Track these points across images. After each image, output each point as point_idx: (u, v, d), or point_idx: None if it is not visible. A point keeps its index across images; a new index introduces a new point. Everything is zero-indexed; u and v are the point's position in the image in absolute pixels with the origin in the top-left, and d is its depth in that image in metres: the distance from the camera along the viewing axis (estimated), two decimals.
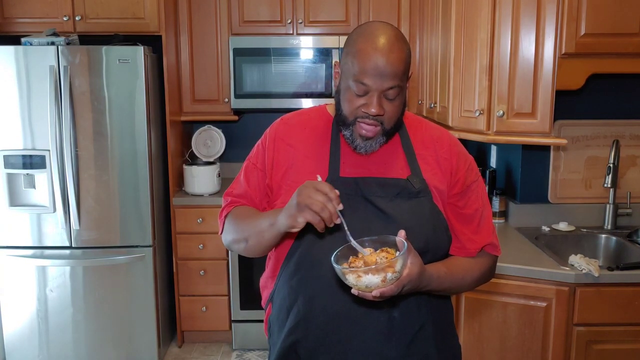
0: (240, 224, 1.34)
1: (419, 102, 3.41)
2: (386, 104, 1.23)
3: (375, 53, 1.19)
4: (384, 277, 1.09)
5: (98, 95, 2.95)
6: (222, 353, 3.40)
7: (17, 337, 3.14)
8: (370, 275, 1.09)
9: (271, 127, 1.41)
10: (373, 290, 1.09)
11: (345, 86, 1.25)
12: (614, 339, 2.07)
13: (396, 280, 1.11)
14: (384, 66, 1.19)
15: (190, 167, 3.40)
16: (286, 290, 1.32)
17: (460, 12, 2.42)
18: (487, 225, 1.37)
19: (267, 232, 1.25)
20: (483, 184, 1.40)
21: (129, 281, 3.10)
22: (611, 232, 2.52)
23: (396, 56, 1.21)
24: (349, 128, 1.27)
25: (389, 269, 1.09)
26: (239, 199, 1.39)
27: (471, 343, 2.20)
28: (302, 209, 1.12)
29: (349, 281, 1.11)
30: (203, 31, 3.42)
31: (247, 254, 1.38)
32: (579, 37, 2.13)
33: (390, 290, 1.10)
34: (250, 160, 1.41)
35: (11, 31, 3.13)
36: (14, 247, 3.06)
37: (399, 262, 1.11)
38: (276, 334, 1.36)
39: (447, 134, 1.41)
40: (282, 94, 3.38)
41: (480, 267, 1.36)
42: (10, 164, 2.96)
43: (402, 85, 1.24)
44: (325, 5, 3.40)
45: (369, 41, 1.21)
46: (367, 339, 1.26)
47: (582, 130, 2.61)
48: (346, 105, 1.26)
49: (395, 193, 1.28)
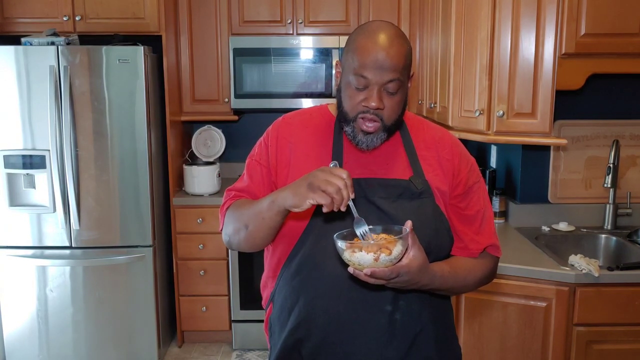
0: (241, 211, 1.32)
1: (419, 102, 3.41)
2: (386, 99, 1.23)
3: (375, 47, 1.21)
4: (377, 256, 1.08)
5: (98, 95, 2.95)
6: (222, 353, 3.40)
7: (17, 337, 3.14)
8: (364, 252, 1.09)
9: (273, 125, 1.41)
10: (365, 268, 1.10)
11: (346, 82, 1.26)
12: (614, 339, 2.07)
13: (391, 265, 1.10)
14: (383, 59, 1.20)
15: (190, 167, 3.40)
16: (288, 290, 1.32)
17: (460, 12, 2.42)
18: (489, 226, 1.37)
19: (266, 212, 1.23)
20: (484, 185, 1.40)
21: (129, 281, 3.10)
22: (611, 232, 2.52)
23: (396, 50, 1.22)
24: (350, 124, 1.27)
25: (385, 250, 1.09)
26: (241, 193, 1.38)
27: (471, 343, 2.20)
28: (314, 190, 1.11)
29: (345, 257, 1.12)
30: (203, 31, 3.42)
31: (248, 245, 1.33)
32: (579, 37, 2.13)
33: (383, 272, 1.09)
34: (253, 157, 1.40)
35: (11, 31, 3.14)
36: (14, 247, 3.05)
37: (396, 246, 1.10)
38: (277, 334, 1.36)
39: (448, 134, 1.41)
40: (282, 94, 3.38)
41: (482, 268, 1.36)
42: (10, 164, 2.96)
43: (402, 80, 1.24)
44: (325, 5, 3.40)
45: (369, 37, 1.23)
46: (368, 340, 1.26)
47: (582, 130, 2.61)
48: (347, 101, 1.26)
49: (398, 194, 1.27)
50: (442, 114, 2.69)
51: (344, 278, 1.22)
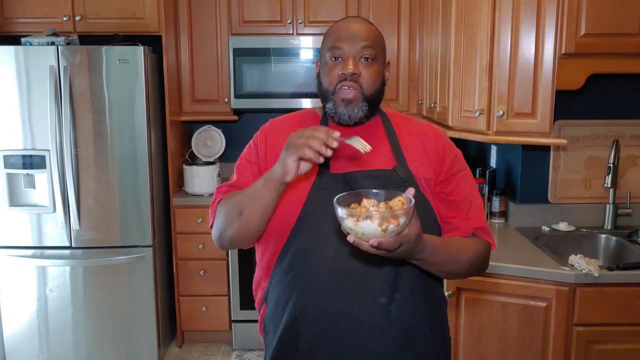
0: (234, 199, 1.32)
1: (419, 102, 3.41)
2: (362, 67, 1.29)
3: (346, 23, 1.34)
4: (386, 227, 1.03)
5: (98, 95, 2.95)
6: (222, 353, 3.40)
7: (17, 337, 3.14)
8: (369, 221, 1.03)
9: (261, 128, 1.45)
10: (370, 239, 1.04)
11: (324, 63, 1.34)
12: (614, 339, 2.06)
13: (396, 235, 1.06)
14: (355, 29, 1.31)
15: (190, 167, 3.40)
16: (281, 287, 1.32)
17: (460, 12, 2.42)
18: (478, 212, 1.38)
19: (262, 191, 1.24)
20: (472, 176, 1.42)
21: (129, 281, 3.10)
22: (611, 232, 2.52)
23: (366, 26, 1.33)
24: (331, 98, 1.31)
25: (393, 220, 1.03)
26: (232, 188, 1.39)
27: (471, 343, 2.20)
28: (293, 148, 1.14)
29: (346, 225, 1.06)
30: (203, 31, 3.42)
31: (243, 232, 1.31)
32: (579, 37, 2.13)
33: (389, 243, 1.05)
34: (243, 157, 1.43)
35: (11, 31, 3.13)
36: (14, 247, 3.05)
37: (403, 216, 1.05)
38: (272, 332, 1.36)
39: (433, 127, 1.44)
40: (282, 94, 3.38)
41: (474, 248, 1.34)
42: (10, 164, 2.96)
43: (376, 52, 1.31)
44: (325, 5, 3.40)
45: (342, 21, 1.37)
46: (364, 334, 1.26)
47: (582, 130, 2.61)
48: (325, 78, 1.33)
49: (382, 184, 1.28)
50: (442, 114, 2.69)
51: (337, 272, 1.23)
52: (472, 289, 2.16)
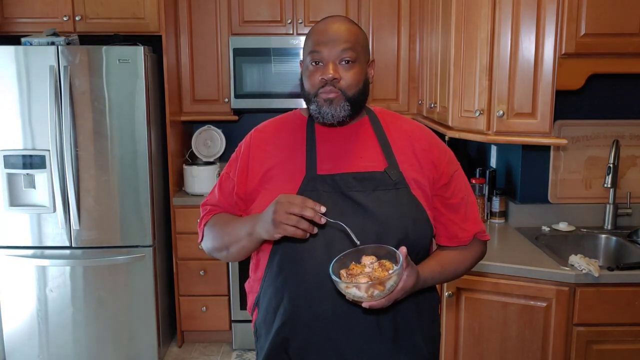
0: (220, 232, 1.39)
1: (419, 102, 3.41)
2: (342, 71, 1.29)
3: (325, 25, 1.32)
4: (371, 293, 1.12)
5: (98, 95, 2.95)
6: (222, 353, 3.40)
7: (17, 337, 3.14)
8: (356, 290, 1.13)
9: (246, 137, 1.46)
10: (363, 302, 1.14)
11: (305, 66, 1.34)
12: (614, 339, 2.06)
13: (386, 296, 1.14)
14: (334, 32, 1.29)
15: (190, 167, 3.40)
16: (272, 291, 1.33)
17: (460, 12, 2.42)
18: (474, 212, 1.41)
19: (246, 242, 1.30)
20: (463, 173, 1.43)
21: (129, 281, 3.10)
22: (611, 232, 2.52)
23: (346, 27, 1.31)
24: (314, 100, 1.32)
25: (379, 287, 1.13)
26: (216, 208, 1.46)
27: (471, 343, 2.20)
28: (277, 226, 1.17)
29: (340, 288, 1.16)
30: (203, 31, 3.42)
31: (230, 261, 1.44)
32: (579, 37, 2.13)
33: (380, 304, 1.14)
34: (225, 171, 1.46)
35: (11, 31, 3.13)
36: (14, 247, 3.05)
37: (390, 280, 1.13)
38: (264, 336, 1.36)
39: (420, 126, 1.44)
40: (282, 94, 3.38)
41: (472, 256, 1.42)
42: (10, 164, 2.96)
43: (356, 53, 1.30)
44: (325, 5, 3.40)
45: (321, 22, 1.35)
46: (355, 335, 1.26)
47: (582, 130, 2.61)
48: (307, 82, 1.33)
49: (374, 187, 1.29)
50: (442, 114, 2.69)
51: (327, 275, 1.23)
52: (472, 289, 2.16)
